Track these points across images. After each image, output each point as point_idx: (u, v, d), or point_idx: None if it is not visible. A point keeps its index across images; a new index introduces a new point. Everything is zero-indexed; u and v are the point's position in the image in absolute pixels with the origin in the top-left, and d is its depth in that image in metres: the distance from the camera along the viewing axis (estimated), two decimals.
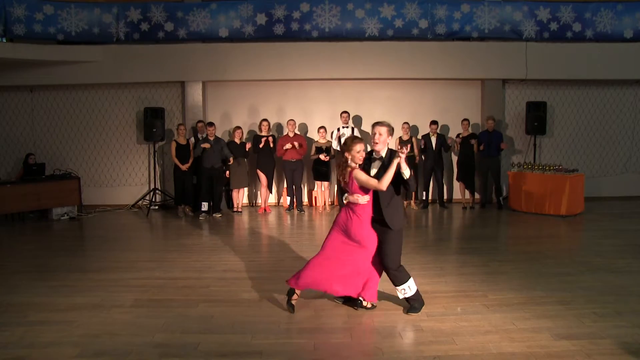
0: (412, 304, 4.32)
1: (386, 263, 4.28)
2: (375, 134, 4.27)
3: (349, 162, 4.24)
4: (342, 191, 4.41)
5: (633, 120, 10.67)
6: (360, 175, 4.15)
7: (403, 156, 4.05)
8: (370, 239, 4.25)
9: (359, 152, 4.21)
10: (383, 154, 4.28)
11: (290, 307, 4.34)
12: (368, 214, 4.24)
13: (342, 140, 9.01)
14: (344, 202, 4.31)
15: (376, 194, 4.23)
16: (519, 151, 10.50)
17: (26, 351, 3.62)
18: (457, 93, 10.38)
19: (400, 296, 4.34)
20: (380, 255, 4.30)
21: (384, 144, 4.28)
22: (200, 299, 4.69)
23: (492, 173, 9.70)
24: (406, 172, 4.10)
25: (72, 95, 10.27)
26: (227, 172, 9.26)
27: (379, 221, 4.25)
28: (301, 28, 9.70)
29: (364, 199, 4.19)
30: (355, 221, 4.21)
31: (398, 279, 4.29)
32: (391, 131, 4.33)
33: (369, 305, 4.38)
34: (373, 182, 4.11)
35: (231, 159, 9.12)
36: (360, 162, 4.25)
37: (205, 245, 6.95)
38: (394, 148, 4.51)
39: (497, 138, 9.61)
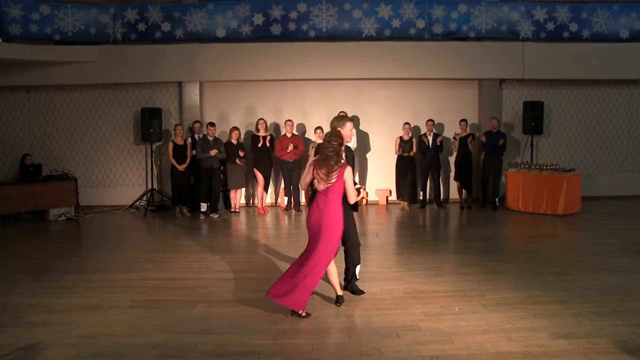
0: (356, 288, 4.70)
1: (348, 243, 4.59)
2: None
3: (341, 152, 4.17)
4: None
5: (629, 119, 10.70)
6: (350, 179, 4.17)
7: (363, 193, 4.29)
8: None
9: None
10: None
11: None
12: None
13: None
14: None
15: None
16: (515, 151, 10.53)
17: (23, 353, 3.61)
18: (455, 93, 10.39)
19: (357, 278, 4.69)
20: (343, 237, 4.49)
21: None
22: (198, 299, 4.69)
23: (494, 173, 9.67)
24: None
25: (69, 95, 10.23)
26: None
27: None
28: (298, 28, 9.70)
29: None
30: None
31: (356, 260, 4.64)
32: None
33: (304, 314, 4.18)
34: (353, 196, 4.17)
35: (238, 160, 9.23)
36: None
37: (203, 246, 6.94)
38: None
39: (501, 138, 9.54)
